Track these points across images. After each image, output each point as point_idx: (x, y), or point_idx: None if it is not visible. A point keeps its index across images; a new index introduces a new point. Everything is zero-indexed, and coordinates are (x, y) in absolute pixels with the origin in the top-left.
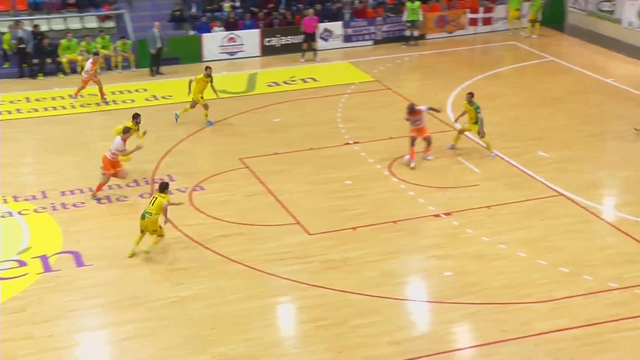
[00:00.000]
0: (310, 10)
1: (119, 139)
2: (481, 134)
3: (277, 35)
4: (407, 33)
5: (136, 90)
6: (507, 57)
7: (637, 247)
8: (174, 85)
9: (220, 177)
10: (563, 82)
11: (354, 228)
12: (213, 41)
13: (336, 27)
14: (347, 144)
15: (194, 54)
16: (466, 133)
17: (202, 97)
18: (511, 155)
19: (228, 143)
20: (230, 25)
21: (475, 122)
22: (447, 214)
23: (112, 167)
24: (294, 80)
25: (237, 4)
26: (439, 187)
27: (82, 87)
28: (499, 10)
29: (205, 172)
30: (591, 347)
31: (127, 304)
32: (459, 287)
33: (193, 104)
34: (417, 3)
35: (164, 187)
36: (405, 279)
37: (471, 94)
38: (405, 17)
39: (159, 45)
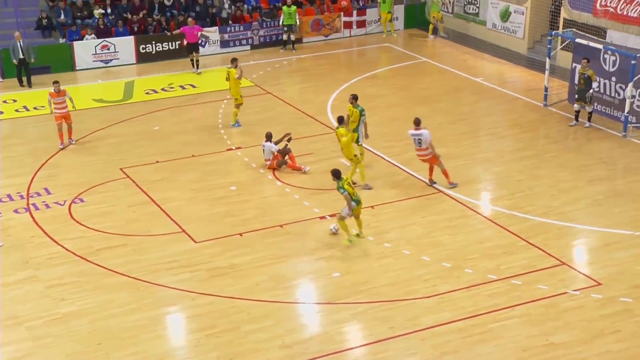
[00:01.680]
0: (190, 19)
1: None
2: (360, 141)
3: (153, 42)
4: (285, 37)
5: (4, 102)
6: (383, 58)
7: (511, 238)
8: (45, 95)
9: (101, 188)
10: (436, 82)
11: (240, 234)
12: (85, 49)
13: (213, 32)
14: (230, 149)
15: (65, 63)
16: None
17: (241, 96)
18: (391, 155)
19: (107, 153)
20: (102, 33)
21: (356, 129)
22: (332, 215)
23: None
24: (172, 88)
25: (108, 10)
26: (323, 189)
27: None
28: (372, 13)
29: (84, 184)
30: (474, 337)
31: (4, 324)
32: (348, 287)
33: (238, 105)
34: (294, 7)
35: (338, 174)
36: (294, 282)
37: (354, 97)
38: (282, 21)
39: (20, 55)
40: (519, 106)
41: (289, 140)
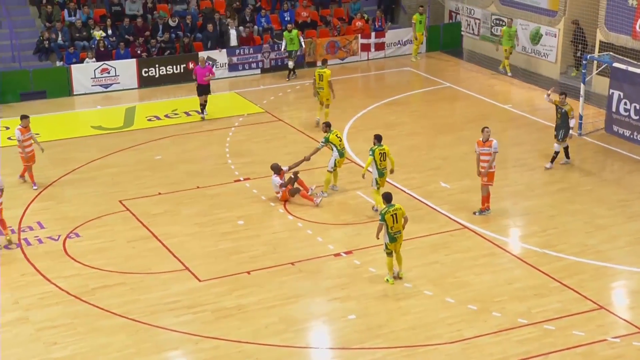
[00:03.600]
0: (202, 57)
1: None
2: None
3: (156, 65)
4: (290, 65)
5: None
6: (403, 83)
7: (543, 279)
8: (40, 122)
9: (98, 222)
10: (461, 109)
11: (248, 272)
12: (84, 73)
13: (220, 55)
14: (238, 180)
15: (62, 88)
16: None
17: (333, 97)
18: (412, 187)
19: (105, 184)
20: (102, 56)
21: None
22: (348, 252)
23: None
24: (176, 114)
25: (109, 32)
26: (337, 224)
27: None
28: (391, 36)
29: (80, 217)
30: None
31: None
32: (364, 330)
33: (327, 105)
34: (295, 32)
35: (389, 198)
36: (306, 325)
37: (378, 137)
38: (284, 47)
39: None
40: (551, 135)
41: (295, 177)
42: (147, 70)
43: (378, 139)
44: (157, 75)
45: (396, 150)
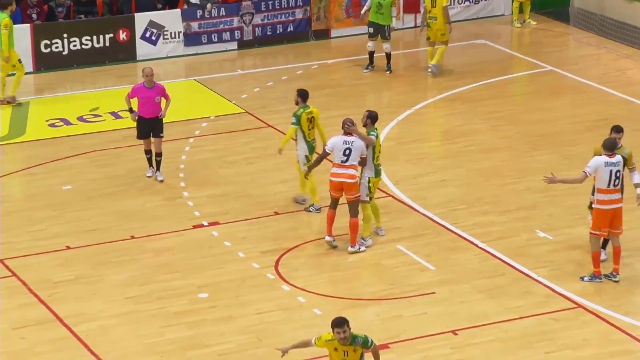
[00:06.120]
0: (147, 69)
1: None
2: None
3: (64, 36)
4: (370, 47)
5: None
6: (475, 66)
7: None
8: None
9: None
10: (570, 108)
11: None
12: None
13: (171, 19)
14: (199, 226)
15: None
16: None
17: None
18: (488, 239)
19: None
20: None
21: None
22: (384, 346)
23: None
24: (97, 116)
25: None
26: (362, 299)
27: None
28: None
29: None
30: None
31: None
32: None
33: (432, 43)
34: None
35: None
36: None
37: (302, 94)
38: (365, 10)
39: None
40: None
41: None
42: (48, 43)
43: (303, 96)
44: (65, 52)
45: (461, 175)
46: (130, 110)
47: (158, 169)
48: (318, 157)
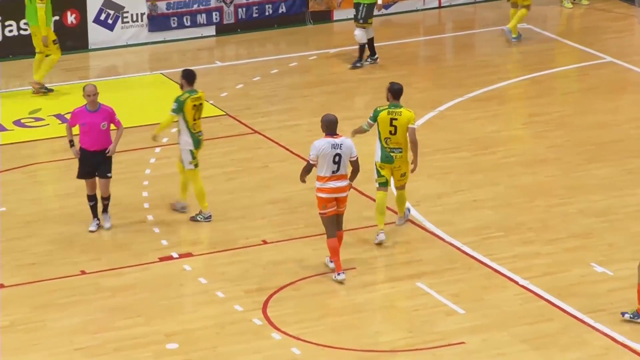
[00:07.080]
0: (90, 88)
1: None
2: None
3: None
4: (359, 38)
5: None
6: (514, 57)
7: None
8: None
9: None
10: (635, 110)
11: None
12: None
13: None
14: (167, 258)
15: None
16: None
17: None
18: (533, 274)
19: None
20: None
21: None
22: None
23: None
24: (39, 119)
25: None
26: (373, 350)
27: None
28: None
29: None
30: None
31: None
32: None
33: (515, 4)
34: None
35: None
36: None
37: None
38: None
39: None
40: None
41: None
42: None
43: (188, 77)
44: (11, 35)
45: (497, 195)
46: (71, 144)
47: (105, 211)
48: (304, 170)
